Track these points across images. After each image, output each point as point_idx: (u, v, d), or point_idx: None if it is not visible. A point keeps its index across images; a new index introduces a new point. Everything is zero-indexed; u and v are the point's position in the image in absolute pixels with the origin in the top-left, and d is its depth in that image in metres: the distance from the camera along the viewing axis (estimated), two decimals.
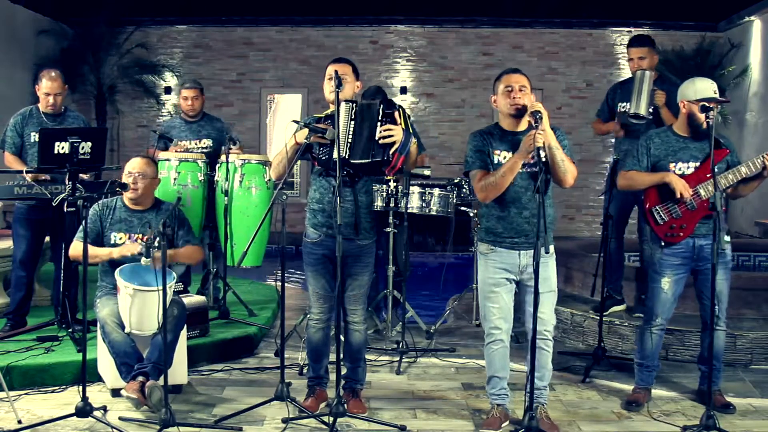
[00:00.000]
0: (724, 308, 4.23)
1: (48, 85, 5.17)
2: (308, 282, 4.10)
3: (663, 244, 4.23)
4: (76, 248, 4.33)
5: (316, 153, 3.93)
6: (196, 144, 5.97)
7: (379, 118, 3.79)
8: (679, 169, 4.20)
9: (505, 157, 3.82)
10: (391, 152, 3.78)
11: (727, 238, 4.20)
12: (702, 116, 4.08)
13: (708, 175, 4.12)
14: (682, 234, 4.19)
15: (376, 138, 3.77)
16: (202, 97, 6.08)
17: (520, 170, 3.74)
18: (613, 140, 5.94)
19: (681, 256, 4.22)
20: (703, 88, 4.16)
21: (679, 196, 4.12)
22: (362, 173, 3.95)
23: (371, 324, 5.55)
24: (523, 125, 3.84)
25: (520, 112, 3.79)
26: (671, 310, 4.31)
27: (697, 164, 4.19)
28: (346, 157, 3.80)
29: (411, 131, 3.88)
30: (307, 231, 4.05)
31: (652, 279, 4.31)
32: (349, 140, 3.82)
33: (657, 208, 4.23)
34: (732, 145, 4.32)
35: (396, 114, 3.81)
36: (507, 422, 3.96)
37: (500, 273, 3.89)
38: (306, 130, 3.86)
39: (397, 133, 3.76)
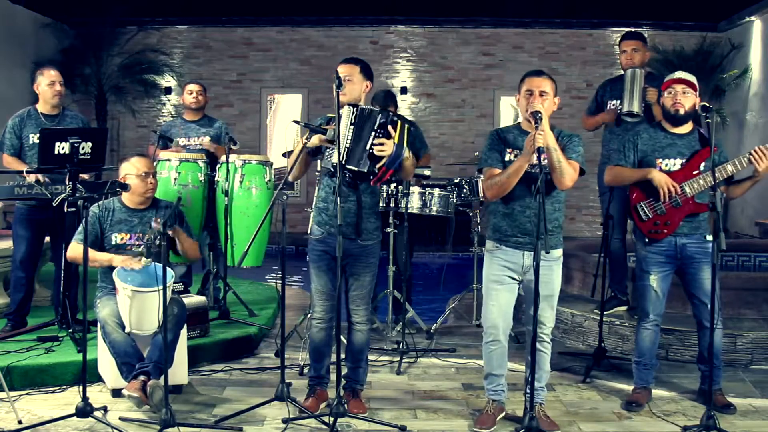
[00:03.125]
0: (717, 307, 4.23)
1: (51, 74, 5.22)
2: (311, 279, 4.11)
3: (647, 240, 4.23)
4: (74, 250, 4.32)
5: (324, 152, 3.97)
6: (194, 141, 5.99)
7: (374, 128, 3.81)
8: (666, 165, 4.20)
9: (516, 156, 3.83)
10: (378, 166, 3.82)
11: (710, 237, 4.19)
12: (668, 98, 4.14)
13: (695, 173, 4.14)
14: (665, 231, 4.19)
15: (367, 149, 3.80)
16: (205, 95, 6.15)
17: (528, 170, 3.76)
18: None
19: (665, 254, 4.23)
20: (667, 78, 4.25)
21: (662, 193, 4.11)
22: (360, 178, 3.96)
23: None
24: None
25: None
26: (662, 307, 4.31)
27: (684, 161, 4.19)
28: (343, 161, 3.81)
29: (405, 144, 3.88)
30: (312, 228, 4.10)
31: (640, 277, 4.32)
32: (347, 145, 3.84)
33: (642, 204, 4.23)
34: (719, 142, 4.30)
35: (390, 127, 3.83)
36: (502, 415, 4.00)
37: (503, 271, 3.91)
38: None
39: (387, 147, 3.80)
